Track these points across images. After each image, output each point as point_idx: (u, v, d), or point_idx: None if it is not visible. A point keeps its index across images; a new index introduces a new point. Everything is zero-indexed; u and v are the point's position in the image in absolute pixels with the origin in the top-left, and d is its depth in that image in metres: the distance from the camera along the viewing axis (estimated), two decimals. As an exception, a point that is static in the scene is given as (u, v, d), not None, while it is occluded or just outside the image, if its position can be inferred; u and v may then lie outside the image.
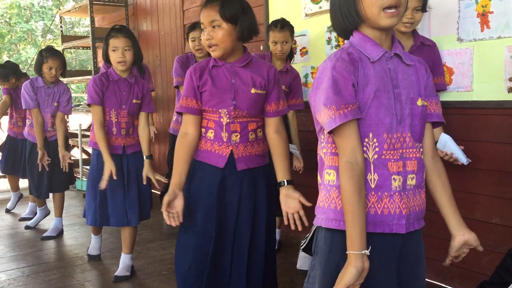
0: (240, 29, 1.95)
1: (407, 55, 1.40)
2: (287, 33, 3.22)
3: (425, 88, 1.40)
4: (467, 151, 2.67)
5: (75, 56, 19.25)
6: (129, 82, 2.96)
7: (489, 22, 2.48)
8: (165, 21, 5.42)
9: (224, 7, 1.91)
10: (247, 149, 2.04)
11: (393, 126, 1.31)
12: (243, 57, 2.03)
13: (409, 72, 1.38)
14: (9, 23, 19.87)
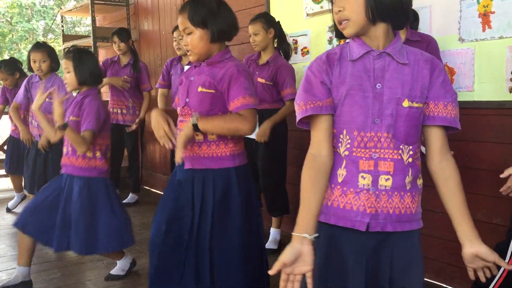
0: (211, 31, 1.96)
1: (410, 52, 1.36)
2: (258, 25, 3.34)
3: (425, 88, 1.34)
4: (468, 151, 2.67)
5: (76, 55, 19.25)
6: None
7: (491, 22, 2.48)
8: (166, 20, 5.42)
9: (192, 13, 1.94)
10: (193, 150, 2.03)
11: (367, 125, 1.32)
12: (213, 57, 2.02)
13: (404, 71, 1.34)
14: (11, 22, 19.89)
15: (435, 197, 2.97)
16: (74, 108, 2.77)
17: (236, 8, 4.26)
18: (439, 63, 1.36)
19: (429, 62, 1.35)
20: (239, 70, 1.97)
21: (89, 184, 2.72)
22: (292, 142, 3.55)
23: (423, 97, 1.34)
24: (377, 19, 1.30)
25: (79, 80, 2.73)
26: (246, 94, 1.94)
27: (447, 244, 2.83)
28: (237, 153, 2.06)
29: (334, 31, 1.41)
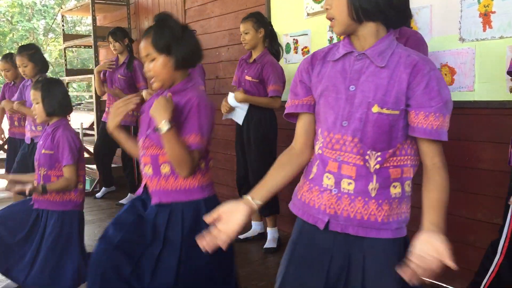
0: (175, 58, 1.88)
1: (395, 54, 1.29)
2: (248, 24, 3.40)
3: (403, 94, 1.26)
4: (468, 151, 2.67)
5: (77, 55, 19.26)
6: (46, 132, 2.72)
7: (491, 22, 2.48)
8: (166, 20, 5.42)
9: (156, 39, 1.87)
10: (160, 183, 1.93)
11: (336, 127, 1.32)
12: (176, 85, 1.94)
13: (382, 74, 1.28)
14: (11, 21, 19.89)
15: (435, 197, 2.96)
16: (45, 140, 2.68)
17: (236, 8, 4.26)
18: (424, 67, 1.25)
19: (410, 66, 1.26)
20: (200, 104, 1.87)
21: (63, 219, 2.63)
22: (283, 141, 3.55)
23: (399, 103, 1.27)
24: (362, 19, 1.27)
25: (48, 111, 2.65)
26: (198, 132, 1.86)
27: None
28: (205, 184, 1.98)
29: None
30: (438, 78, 1.25)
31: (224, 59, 4.50)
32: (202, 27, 4.78)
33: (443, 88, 1.26)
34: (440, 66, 2.72)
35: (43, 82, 2.68)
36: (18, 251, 2.64)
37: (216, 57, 4.61)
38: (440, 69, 2.73)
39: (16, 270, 2.62)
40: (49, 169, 2.67)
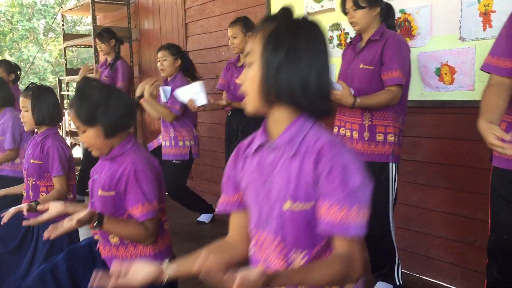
0: (103, 127, 1.80)
1: (308, 139, 1.13)
2: (236, 28, 3.46)
3: (310, 186, 1.12)
4: (468, 150, 2.67)
5: (77, 54, 19.25)
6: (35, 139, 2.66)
7: (492, 21, 2.48)
8: (166, 19, 5.42)
9: (78, 112, 1.80)
10: (112, 251, 1.91)
11: (260, 225, 1.21)
12: (113, 151, 1.87)
13: (292, 165, 1.14)
14: (11, 21, 19.88)
15: (435, 197, 2.99)
16: (34, 150, 2.62)
17: (237, 7, 4.26)
18: (328, 153, 1.10)
19: (315, 152, 1.11)
20: (136, 171, 1.80)
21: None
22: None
23: (309, 196, 1.12)
24: (275, 101, 1.13)
25: (37, 119, 2.58)
26: (144, 200, 1.78)
27: (447, 243, 2.83)
28: (159, 251, 1.91)
29: None
30: (344, 164, 1.08)
31: (224, 58, 4.50)
32: (202, 26, 4.78)
33: (351, 175, 1.08)
34: (440, 66, 2.72)
35: (34, 89, 2.61)
36: (10, 261, 2.59)
37: (216, 57, 4.60)
38: (440, 68, 2.73)
39: (8, 280, 2.56)
40: (38, 179, 2.64)
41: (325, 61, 1.16)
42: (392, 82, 2.38)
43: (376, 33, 2.48)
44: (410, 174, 2.98)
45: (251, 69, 1.15)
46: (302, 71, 1.11)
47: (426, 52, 2.78)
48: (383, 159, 2.49)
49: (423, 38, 2.80)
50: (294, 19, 1.15)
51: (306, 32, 1.14)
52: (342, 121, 2.61)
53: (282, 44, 1.10)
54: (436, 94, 2.77)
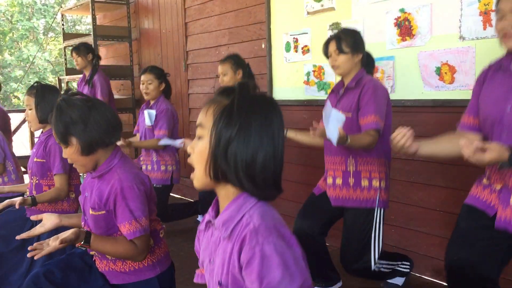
0: (80, 145, 1.77)
1: (244, 222, 1.07)
2: (226, 66, 3.45)
3: (239, 276, 1.05)
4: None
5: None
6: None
7: (492, 21, 2.47)
8: (166, 19, 5.42)
9: (55, 130, 1.80)
10: (109, 265, 1.90)
11: None
12: (99, 168, 1.85)
13: (227, 248, 1.08)
14: (11, 20, 19.88)
15: (435, 196, 2.99)
16: (38, 148, 2.61)
17: (237, 7, 4.26)
18: (250, 241, 1.01)
19: (240, 239, 1.04)
20: (123, 188, 1.78)
21: (57, 230, 2.55)
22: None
23: (237, 284, 1.06)
24: (220, 179, 1.09)
25: (40, 118, 2.57)
26: (131, 218, 1.77)
27: (447, 242, 2.82)
28: (156, 260, 1.92)
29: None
30: (262, 256, 0.99)
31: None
32: (202, 26, 4.78)
33: (269, 270, 0.98)
34: (441, 65, 2.72)
35: (38, 88, 2.60)
36: (12, 260, 2.59)
37: (216, 56, 4.60)
38: (440, 67, 2.72)
39: (11, 279, 2.57)
40: (41, 178, 2.64)
41: (277, 144, 1.09)
42: (368, 127, 2.36)
43: (353, 80, 2.47)
44: (410, 174, 2.98)
45: (201, 143, 1.11)
46: (248, 153, 1.05)
47: (426, 51, 2.78)
48: (368, 204, 2.45)
49: (423, 37, 2.79)
50: (251, 96, 1.09)
51: (261, 112, 1.08)
52: (327, 169, 2.59)
53: (234, 122, 1.05)
54: (436, 94, 2.77)
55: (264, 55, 3.97)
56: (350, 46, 2.46)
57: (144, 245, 1.81)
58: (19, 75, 18.93)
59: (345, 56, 2.46)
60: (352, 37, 2.48)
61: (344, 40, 2.47)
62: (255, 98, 1.10)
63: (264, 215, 1.07)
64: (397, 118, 3.03)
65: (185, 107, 5.24)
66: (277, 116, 1.10)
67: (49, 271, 1.91)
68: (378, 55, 3.06)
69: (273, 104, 1.11)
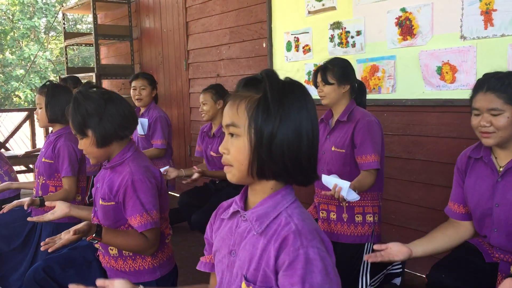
0: (95, 138, 1.81)
1: (280, 219, 1.06)
2: (207, 95, 3.48)
3: (271, 272, 1.03)
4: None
5: (78, 53, 19.27)
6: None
7: (493, 20, 2.47)
8: (167, 18, 5.42)
9: (71, 122, 1.83)
10: (111, 263, 1.92)
11: None
12: (112, 160, 1.88)
13: (258, 243, 1.06)
14: (12, 19, 19.89)
15: (436, 196, 2.98)
16: (47, 149, 2.61)
17: (238, 6, 4.26)
18: (294, 243, 1.00)
19: (280, 238, 1.02)
20: (134, 181, 1.79)
21: (57, 232, 2.55)
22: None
23: (268, 282, 1.03)
24: (264, 177, 1.07)
25: (50, 117, 2.58)
26: (142, 211, 1.78)
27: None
28: (158, 265, 1.92)
29: None
30: (308, 260, 0.98)
31: (225, 57, 4.50)
32: (203, 25, 4.78)
33: (312, 273, 0.97)
34: (442, 64, 2.72)
35: (49, 87, 2.60)
36: (13, 260, 2.59)
37: (217, 55, 4.60)
38: (441, 67, 2.72)
39: (11, 279, 2.57)
40: (48, 178, 2.64)
41: (315, 126, 1.07)
42: (369, 166, 2.34)
43: (344, 113, 2.44)
44: (411, 173, 2.98)
45: (237, 141, 1.06)
46: (294, 143, 1.03)
47: (427, 51, 2.78)
48: (363, 240, 2.43)
49: (424, 37, 2.79)
50: (281, 83, 1.06)
51: (294, 97, 1.05)
52: (319, 203, 2.56)
53: (273, 115, 1.02)
54: (437, 93, 2.77)
55: (265, 54, 3.98)
56: (337, 77, 2.42)
57: (155, 238, 1.82)
58: (20, 74, 18.95)
59: (330, 87, 2.42)
60: (340, 67, 2.44)
61: (330, 70, 2.43)
62: (286, 84, 1.06)
63: (304, 217, 1.06)
64: (397, 118, 3.03)
65: (186, 106, 5.24)
66: (309, 96, 1.08)
67: (49, 266, 1.93)
68: (379, 54, 3.06)
69: (301, 85, 1.09)
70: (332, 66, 2.44)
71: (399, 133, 3.03)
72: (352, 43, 3.21)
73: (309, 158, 1.06)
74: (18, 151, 6.55)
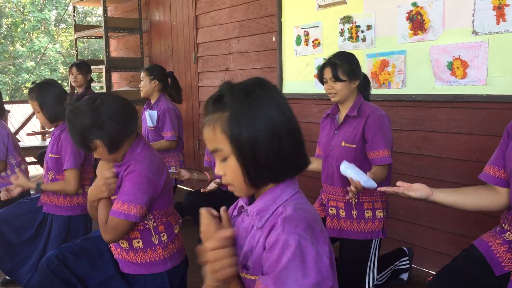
0: (106, 145, 1.80)
1: (280, 212, 1.08)
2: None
3: (260, 258, 1.08)
4: (480, 145, 2.65)
5: (88, 45, 19.34)
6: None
7: (505, 15, 2.45)
8: (177, 11, 5.42)
9: (75, 143, 1.86)
10: (122, 255, 1.95)
11: None
12: (123, 159, 1.90)
13: (256, 236, 1.11)
14: (23, 12, 19.99)
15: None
16: (53, 144, 2.62)
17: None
18: (279, 226, 1.03)
19: (270, 225, 1.07)
20: (134, 171, 1.82)
21: (69, 224, 2.61)
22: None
23: (258, 268, 1.08)
24: (259, 184, 1.12)
25: (49, 118, 2.59)
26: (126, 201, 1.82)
27: (456, 238, 2.82)
28: (168, 256, 1.95)
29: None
30: (285, 245, 1.00)
31: (234, 50, 4.50)
32: (212, 18, 4.77)
33: (285, 258, 0.99)
34: (453, 60, 2.70)
35: (35, 90, 2.59)
36: (23, 252, 2.62)
37: (226, 49, 4.60)
38: (452, 62, 2.70)
39: (21, 271, 2.60)
40: (57, 173, 2.65)
41: (289, 114, 1.09)
42: (382, 161, 2.32)
43: (353, 108, 2.40)
44: (419, 169, 2.97)
45: (229, 162, 1.09)
46: (273, 143, 1.05)
47: (438, 46, 2.76)
48: (373, 236, 2.41)
49: (435, 32, 2.77)
50: (241, 89, 1.08)
51: (260, 98, 1.07)
52: (327, 199, 2.53)
53: (245, 124, 1.04)
54: (448, 89, 2.75)
55: (274, 48, 3.97)
56: (347, 73, 2.36)
57: (121, 230, 1.81)
58: (31, 66, 19.05)
59: (342, 84, 2.36)
60: (348, 63, 2.38)
61: (340, 67, 2.36)
62: (247, 88, 1.08)
63: (298, 206, 1.08)
64: (407, 113, 3.02)
65: (195, 100, 5.25)
66: (271, 88, 1.10)
67: (62, 254, 1.96)
68: (389, 49, 3.04)
69: (261, 82, 1.10)
70: (341, 62, 2.37)
71: (408, 128, 3.02)
72: (362, 38, 3.19)
73: (294, 148, 1.09)
74: (28, 142, 6.60)
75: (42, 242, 2.61)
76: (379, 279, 2.57)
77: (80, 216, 2.65)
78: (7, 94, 19.88)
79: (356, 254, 2.42)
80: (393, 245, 3.05)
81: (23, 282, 2.61)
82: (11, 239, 2.60)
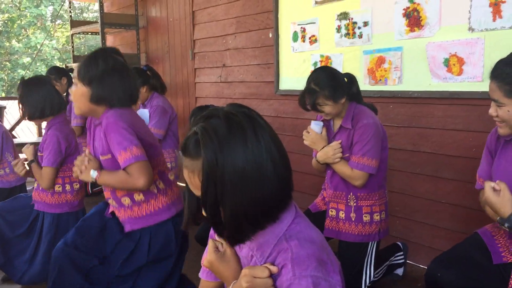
0: (92, 93, 1.94)
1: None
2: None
3: None
4: (476, 142, 2.66)
5: (84, 41, 19.26)
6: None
7: (502, 12, 2.45)
8: (174, 7, 5.40)
9: (81, 68, 1.96)
10: (127, 213, 2.01)
11: None
12: (99, 118, 1.99)
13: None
14: (19, 7, 19.90)
15: (441, 188, 2.98)
16: (42, 142, 2.63)
17: (244, -5, 4.24)
18: (290, 273, 1.02)
19: (280, 266, 1.07)
20: (108, 124, 1.89)
21: (58, 221, 2.63)
22: (289, 130, 3.56)
23: None
24: (252, 232, 1.08)
25: (28, 114, 2.60)
26: (120, 149, 1.86)
27: (453, 234, 2.83)
28: (171, 202, 2.04)
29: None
30: None
31: (231, 47, 4.49)
32: (209, 14, 4.76)
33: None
34: (449, 56, 2.70)
35: (19, 85, 2.61)
36: (18, 246, 2.64)
37: (223, 45, 4.59)
38: (448, 59, 2.70)
39: (15, 264, 2.61)
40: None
41: (259, 148, 1.01)
42: (352, 165, 2.32)
43: (347, 119, 2.35)
44: (416, 165, 2.98)
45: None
46: (241, 194, 1.00)
47: (435, 42, 2.76)
48: (370, 239, 2.41)
49: (431, 28, 2.77)
50: (218, 132, 1.00)
51: (224, 137, 0.99)
52: (329, 201, 2.52)
53: (219, 181, 0.98)
54: (444, 85, 2.75)
55: (271, 44, 3.96)
56: (331, 97, 2.27)
57: (137, 171, 1.86)
58: (27, 62, 18.98)
59: (328, 107, 2.29)
60: (329, 86, 2.27)
61: (321, 94, 2.26)
62: (212, 128, 1.00)
63: (301, 239, 1.04)
64: (403, 110, 3.02)
65: (191, 96, 5.24)
66: (249, 127, 1.01)
67: (69, 240, 2.02)
68: (386, 45, 3.04)
69: (243, 120, 1.02)
70: (320, 89, 2.26)
71: (404, 125, 3.02)
72: (359, 34, 3.19)
73: (269, 194, 1.01)
74: (24, 138, 6.58)
75: (35, 239, 2.62)
76: (376, 275, 2.58)
77: (68, 213, 2.66)
78: (3, 90, 19.83)
79: (353, 254, 2.43)
80: (389, 241, 3.05)
81: (16, 277, 2.62)
82: (4, 232, 2.62)
